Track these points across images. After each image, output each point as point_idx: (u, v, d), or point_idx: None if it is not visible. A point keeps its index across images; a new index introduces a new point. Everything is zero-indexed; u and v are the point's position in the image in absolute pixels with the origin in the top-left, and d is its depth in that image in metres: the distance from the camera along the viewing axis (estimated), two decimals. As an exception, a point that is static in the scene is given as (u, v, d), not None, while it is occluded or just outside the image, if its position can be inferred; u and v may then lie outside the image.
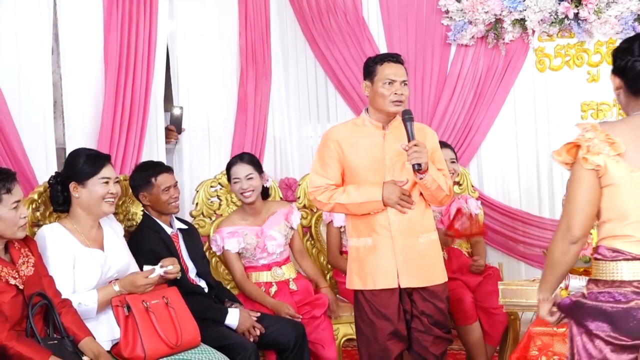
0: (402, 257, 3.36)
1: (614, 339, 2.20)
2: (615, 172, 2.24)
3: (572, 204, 2.30)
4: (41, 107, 3.83)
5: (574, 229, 2.29)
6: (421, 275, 3.39)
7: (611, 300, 2.23)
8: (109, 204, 3.31)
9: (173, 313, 3.25)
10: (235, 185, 4.11)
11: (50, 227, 3.26)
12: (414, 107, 5.20)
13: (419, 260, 3.38)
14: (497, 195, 5.30)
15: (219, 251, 4.17)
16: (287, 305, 3.95)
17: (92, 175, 3.27)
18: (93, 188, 3.27)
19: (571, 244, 2.31)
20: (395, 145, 3.36)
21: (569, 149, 2.30)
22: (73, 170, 3.30)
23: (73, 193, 3.29)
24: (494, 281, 4.01)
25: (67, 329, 2.94)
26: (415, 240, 3.38)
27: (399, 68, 3.39)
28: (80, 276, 3.19)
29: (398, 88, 3.35)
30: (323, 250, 4.65)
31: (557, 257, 2.35)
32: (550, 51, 5.21)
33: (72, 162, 3.33)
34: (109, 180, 3.30)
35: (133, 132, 4.16)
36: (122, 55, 4.11)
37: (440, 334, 3.42)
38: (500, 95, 5.24)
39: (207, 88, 4.86)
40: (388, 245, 3.37)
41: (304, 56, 5.50)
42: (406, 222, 3.37)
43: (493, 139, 5.32)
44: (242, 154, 4.26)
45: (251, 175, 4.10)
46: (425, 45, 5.25)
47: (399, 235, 3.37)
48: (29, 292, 2.86)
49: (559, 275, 2.38)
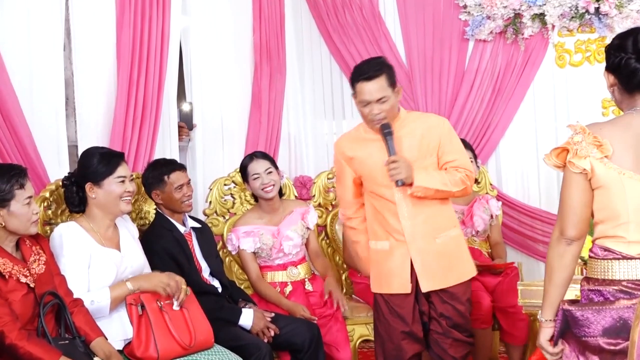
0: (419, 260, 3.35)
1: (606, 344, 2.20)
2: (603, 174, 2.26)
3: (565, 206, 2.33)
4: (53, 104, 3.83)
5: (567, 229, 2.32)
6: (439, 277, 3.37)
7: (601, 299, 2.26)
8: (126, 203, 3.33)
9: (186, 313, 3.25)
10: (255, 182, 4.09)
11: (67, 225, 3.27)
12: (431, 104, 5.19)
13: (437, 262, 3.36)
14: (516, 193, 5.26)
15: (235, 251, 4.16)
16: (302, 307, 3.94)
17: (107, 174, 3.28)
18: (109, 188, 3.28)
19: (567, 245, 2.33)
20: (398, 147, 3.34)
21: (558, 153, 2.34)
22: (88, 170, 3.30)
23: (89, 194, 3.29)
24: (512, 280, 3.99)
25: (79, 329, 2.95)
26: (432, 242, 3.36)
27: (372, 85, 3.30)
28: (96, 276, 3.19)
29: (374, 107, 3.31)
30: (339, 250, 4.64)
31: (554, 263, 2.36)
32: (570, 46, 5.17)
33: (86, 162, 3.33)
34: (124, 178, 3.31)
35: (146, 129, 4.15)
36: (134, 51, 4.10)
37: (459, 336, 3.39)
38: (519, 91, 5.20)
39: (220, 84, 4.85)
40: (403, 250, 3.38)
41: (319, 52, 5.48)
42: (421, 225, 3.35)
43: (512, 136, 5.28)
44: (255, 152, 4.26)
45: (270, 169, 4.10)
46: (443, 41, 5.22)
47: (413, 240, 3.36)
48: (40, 291, 2.87)
49: (560, 284, 2.37)
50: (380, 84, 3.31)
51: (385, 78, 3.32)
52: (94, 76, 4.03)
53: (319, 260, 4.32)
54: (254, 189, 4.14)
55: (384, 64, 3.35)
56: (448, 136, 3.41)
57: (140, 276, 3.28)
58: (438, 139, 3.37)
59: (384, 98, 3.31)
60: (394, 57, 5.17)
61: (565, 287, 2.39)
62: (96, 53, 4.03)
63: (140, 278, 3.25)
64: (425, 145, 3.38)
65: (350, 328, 4.10)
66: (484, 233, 4.48)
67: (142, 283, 3.21)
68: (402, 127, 3.39)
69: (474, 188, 4.59)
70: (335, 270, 4.63)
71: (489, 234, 4.53)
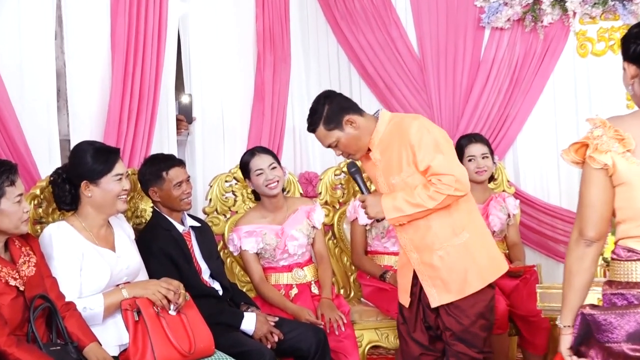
0: (423, 274, 3.35)
1: (631, 351, 2.19)
2: (625, 170, 2.25)
3: (584, 205, 2.32)
4: (44, 96, 3.83)
5: (587, 230, 2.31)
6: (441, 291, 3.33)
7: (624, 303, 2.24)
8: (122, 201, 3.31)
9: (185, 319, 3.23)
10: (258, 178, 4.06)
11: (57, 225, 3.25)
12: (444, 95, 5.17)
13: (438, 276, 3.32)
14: (535, 191, 5.23)
15: (236, 251, 4.14)
16: (308, 310, 3.92)
17: (105, 172, 3.25)
18: (107, 186, 3.26)
19: (586, 247, 2.32)
20: (375, 174, 3.45)
21: (577, 148, 2.32)
22: (83, 168, 3.27)
23: (84, 192, 3.27)
24: (532, 285, 3.95)
25: (71, 334, 2.94)
26: (432, 255, 3.31)
27: (317, 136, 3.44)
28: (89, 277, 3.18)
29: (336, 152, 3.44)
30: (346, 250, 4.61)
31: (573, 266, 2.35)
32: (592, 35, 5.14)
33: (80, 158, 3.29)
34: (122, 176, 3.29)
35: (142, 122, 4.14)
36: (130, 39, 4.08)
37: (465, 350, 3.31)
38: (538, 82, 5.17)
39: (221, 75, 4.83)
40: (408, 263, 3.42)
41: (325, 41, 5.46)
42: (419, 240, 3.33)
43: (530, 130, 5.25)
44: (256, 147, 4.25)
45: (274, 165, 4.09)
46: (457, 29, 5.19)
47: (413, 254, 3.37)
48: (31, 294, 2.86)
49: (579, 288, 2.36)
50: (322, 133, 3.40)
51: (322, 126, 3.38)
52: (87, 66, 4.02)
53: (322, 265, 4.25)
54: (257, 186, 4.11)
55: (315, 111, 3.42)
56: (417, 141, 3.27)
57: (137, 283, 3.27)
58: (411, 149, 3.28)
59: (334, 143, 3.39)
60: (405, 46, 5.15)
61: (585, 291, 2.38)
62: (89, 42, 4.03)
63: (137, 285, 3.24)
64: (404, 159, 3.30)
65: (359, 333, 4.08)
66: (501, 233, 4.45)
67: (139, 291, 3.19)
68: (380, 150, 3.38)
69: (490, 185, 4.57)
70: (343, 272, 4.61)
71: (506, 234, 4.50)
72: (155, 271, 3.49)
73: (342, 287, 4.62)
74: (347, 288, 4.62)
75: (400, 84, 5.19)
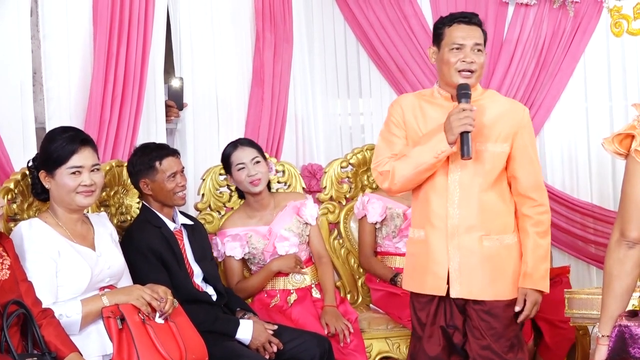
0: (456, 259, 3.27)
1: None
2: None
3: (627, 203, 2.32)
4: (17, 79, 3.82)
5: (630, 230, 2.30)
6: (476, 285, 3.28)
7: None
8: (83, 196, 3.26)
9: (174, 327, 3.22)
10: (240, 173, 4.07)
11: (29, 223, 3.24)
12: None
13: (478, 267, 3.27)
14: (564, 185, 5.26)
15: (220, 257, 4.15)
16: (294, 256, 3.99)
17: (59, 164, 3.22)
18: (61, 180, 3.23)
19: (628, 249, 2.32)
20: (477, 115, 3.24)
21: (621, 139, 2.29)
22: (42, 156, 3.28)
23: (44, 183, 3.27)
24: (561, 288, 3.95)
25: (49, 344, 2.93)
26: (477, 242, 3.27)
27: (471, 30, 3.33)
28: (67, 277, 3.17)
29: (467, 54, 3.30)
30: (354, 251, 4.62)
31: (614, 270, 2.34)
32: (628, 11, 5.15)
33: (44, 145, 3.30)
34: (81, 169, 3.24)
35: (127, 109, 4.14)
36: (114, 16, 4.08)
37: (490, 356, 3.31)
38: (567, 64, 5.19)
39: (215, 56, 4.83)
40: (442, 242, 3.30)
41: (331, 18, 5.46)
42: (470, 217, 3.26)
43: (559, 118, 5.27)
44: (239, 139, 4.25)
45: (258, 159, 4.09)
46: (477, 5, 5.17)
47: (455, 233, 3.27)
48: (4, 300, 2.86)
49: (620, 294, 2.36)
50: (481, 34, 3.36)
51: (483, 34, 3.38)
52: (66, 46, 4.01)
53: (321, 266, 4.26)
54: (238, 182, 4.11)
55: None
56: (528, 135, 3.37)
57: (118, 290, 3.26)
58: (512, 130, 3.30)
59: (481, 49, 3.33)
60: (419, 24, 5.16)
61: (626, 296, 2.38)
62: (68, 19, 4.02)
63: (119, 292, 3.23)
64: (497, 131, 3.31)
65: (367, 343, 4.10)
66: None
67: (121, 297, 3.18)
68: (477, 100, 3.33)
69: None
70: (350, 275, 4.61)
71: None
72: (141, 271, 3.51)
73: (349, 291, 4.62)
74: (354, 293, 4.63)
75: (413, 66, 5.18)
